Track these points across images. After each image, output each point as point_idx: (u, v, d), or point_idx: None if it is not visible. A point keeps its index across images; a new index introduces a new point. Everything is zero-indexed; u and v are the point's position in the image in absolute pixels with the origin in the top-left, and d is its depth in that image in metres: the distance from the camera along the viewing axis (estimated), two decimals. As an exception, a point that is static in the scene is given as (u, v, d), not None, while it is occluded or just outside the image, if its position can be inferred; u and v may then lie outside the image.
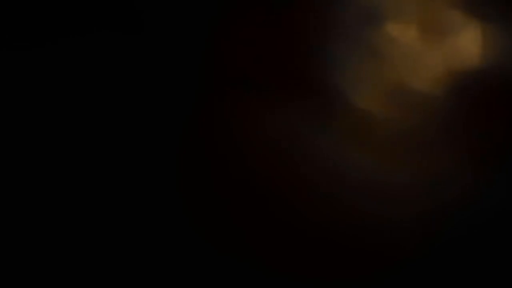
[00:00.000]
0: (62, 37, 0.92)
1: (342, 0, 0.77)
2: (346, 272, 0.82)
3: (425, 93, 0.75)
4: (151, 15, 0.92)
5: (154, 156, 0.89)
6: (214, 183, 0.82)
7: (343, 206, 0.79)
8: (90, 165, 0.89)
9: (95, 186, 0.89)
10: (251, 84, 0.79)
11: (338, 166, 0.78)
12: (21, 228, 0.88)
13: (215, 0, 0.84)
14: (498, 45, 0.75)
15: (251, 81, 0.79)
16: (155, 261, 0.87)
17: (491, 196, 0.78)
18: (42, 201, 0.89)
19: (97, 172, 0.89)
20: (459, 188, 0.77)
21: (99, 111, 0.91)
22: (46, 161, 0.89)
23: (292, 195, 0.79)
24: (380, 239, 0.80)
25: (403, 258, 0.81)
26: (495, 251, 0.82)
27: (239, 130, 0.80)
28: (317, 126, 0.77)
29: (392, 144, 0.77)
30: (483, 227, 0.81)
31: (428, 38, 0.75)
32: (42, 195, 0.89)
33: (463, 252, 0.81)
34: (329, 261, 0.81)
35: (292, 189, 0.79)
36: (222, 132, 0.80)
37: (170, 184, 0.88)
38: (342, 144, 0.76)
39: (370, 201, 0.78)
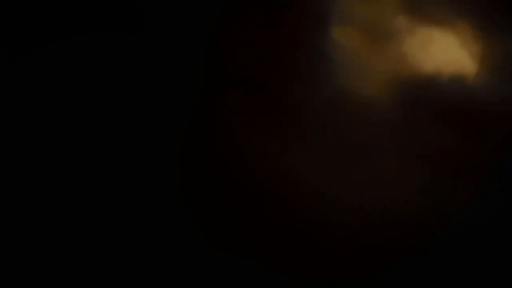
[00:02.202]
0: (62, 37, 0.92)
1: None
2: (346, 272, 0.82)
3: (373, 98, 0.75)
4: (151, 15, 0.92)
5: (154, 156, 0.89)
6: (214, 183, 0.82)
7: (343, 206, 0.79)
8: (90, 165, 0.89)
9: (95, 186, 0.89)
10: (251, 84, 0.79)
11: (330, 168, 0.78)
12: (21, 228, 0.88)
13: (215, 0, 0.84)
14: (447, 50, 0.75)
15: (251, 81, 0.79)
16: (155, 261, 0.87)
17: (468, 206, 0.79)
18: (42, 201, 0.89)
19: (97, 172, 0.89)
20: (417, 195, 0.77)
21: (99, 111, 0.91)
22: (46, 161, 0.89)
23: (292, 195, 0.79)
24: (380, 239, 0.80)
25: (403, 258, 0.81)
26: (494, 252, 0.82)
27: (239, 130, 0.80)
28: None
29: (342, 148, 0.77)
30: (482, 227, 0.81)
31: (375, 44, 0.76)
32: (42, 195, 0.89)
33: (463, 252, 0.82)
34: (329, 261, 0.81)
35: (292, 189, 0.79)
36: (222, 132, 0.81)
37: (170, 184, 0.88)
38: (292, 147, 0.77)
39: (368, 200, 0.78)
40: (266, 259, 0.83)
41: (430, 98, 0.74)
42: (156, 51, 0.91)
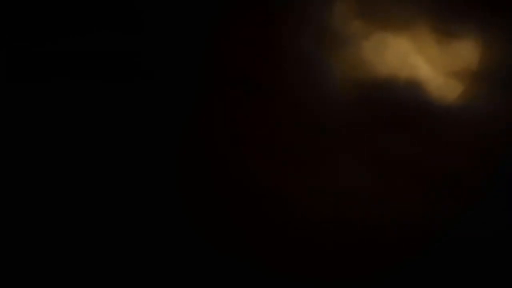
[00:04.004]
0: (62, 37, 0.92)
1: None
2: (346, 272, 0.82)
3: (328, 103, 0.75)
4: (151, 15, 0.92)
5: (154, 156, 0.89)
6: (214, 183, 0.82)
7: (343, 207, 0.79)
8: (91, 165, 0.89)
9: (96, 186, 0.89)
10: (251, 84, 0.79)
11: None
12: (21, 228, 0.88)
13: (215, 0, 0.84)
14: (401, 54, 0.75)
15: (251, 81, 0.79)
16: (155, 261, 0.87)
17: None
18: (43, 201, 0.89)
19: (97, 172, 0.89)
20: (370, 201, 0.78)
21: (99, 110, 0.91)
22: (47, 161, 0.90)
23: (292, 195, 0.79)
24: (380, 239, 0.80)
25: (403, 258, 0.81)
26: (494, 252, 0.82)
27: (239, 130, 0.80)
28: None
29: (296, 150, 0.77)
30: (483, 229, 0.81)
31: (330, 48, 0.76)
32: (43, 195, 0.89)
33: (463, 252, 0.82)
34: (329, 261, 0.81)
35: (292, 189, 0.79)
36: (222, 132, 0.81)
37: (170, 184, 0.88)
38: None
39: (367, 201, 0.78)
40: (266, 259, 0.83)
41: (384, 101, 0.74)
42: (156, 50, 0.91)
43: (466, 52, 0.74)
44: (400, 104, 0.74)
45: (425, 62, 0.74)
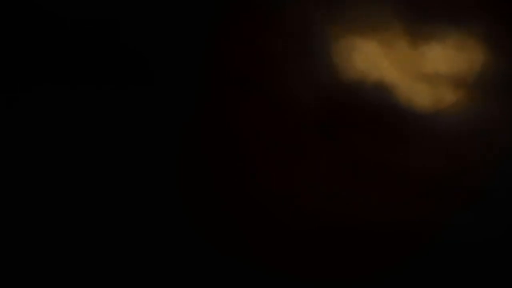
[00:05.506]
0: (55, 44, 0.92)
1: None
2: (346, 272, 0.82)
3: (304, 106, 0.75)
4: (150, 15, 0.92)
5: (154, 156, 0.89)
6: (214, 183, 0.82)
7: (342, 207, 0.79)
8: (90, 165, 0.90)
9: (95, 186, 0.89)
10: (251, 84, 0.79)
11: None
12: (21, 228, 0.88)
13: (215, 0, 0.84)
14: (370, 58, 0.75)
15: (251, 81, 0.79)
16: (155, 261, 0.87)
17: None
18: (43, 201, 0.89)
19: (97, 172, 0.89)
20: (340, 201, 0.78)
21: (99, 109, 0.91)
22: (47, 160, 0.90)
23: (292, 195, 0.79)
24: (380, 239, 0.80)
25: (403, 258, 0.81)
26: (494, 252, 0.82)
27: (239, 130, 0.80)
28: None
29: (296, 150, 0.77)
30: (483, 228, 0.81)
31: (303, 51, 0.76)
32: (43, 195, 0.89)
33: (464, 252, 0.82)
34: (329, 261, 0.81)
35: (293, 189, 0.79)
36: (222, 132, 0.81)
37: (170, 184, 0.88)
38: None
39: (366, 201, 0.78)
40: (267, 259, 0.83)
41: (353, 105, 0.74)
42: (155, 51, 0.91)
43: (438, 55, 0.74)
44: (370, 108, 0.74)
45: (395, 65, 0.74)
